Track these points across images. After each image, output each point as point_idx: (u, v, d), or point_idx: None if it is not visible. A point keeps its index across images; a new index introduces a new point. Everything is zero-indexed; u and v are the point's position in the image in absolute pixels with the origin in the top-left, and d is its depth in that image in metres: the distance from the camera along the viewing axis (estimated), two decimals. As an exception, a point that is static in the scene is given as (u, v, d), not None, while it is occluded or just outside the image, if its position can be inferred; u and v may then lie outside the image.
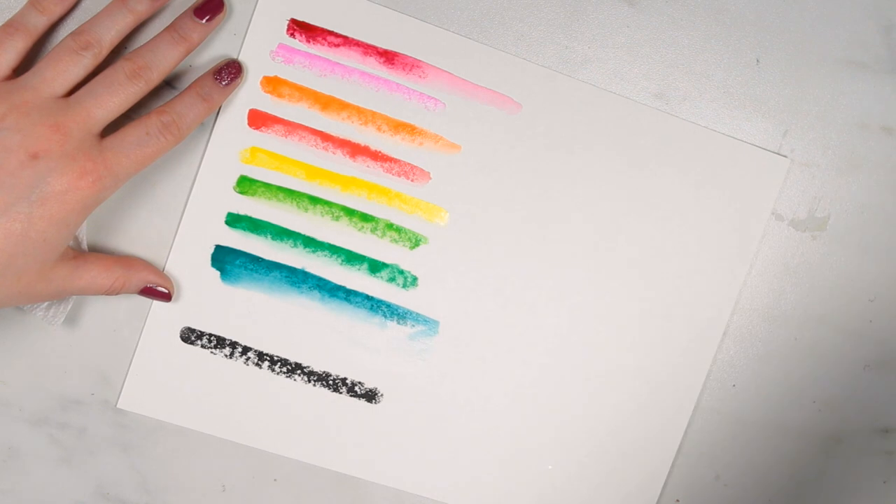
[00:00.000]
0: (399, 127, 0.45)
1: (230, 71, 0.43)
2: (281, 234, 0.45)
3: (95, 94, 0.39)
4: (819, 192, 0.47)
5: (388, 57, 0.45)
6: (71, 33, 0.40)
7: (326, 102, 0.45)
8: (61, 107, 0.39)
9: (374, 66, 0.45)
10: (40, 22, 0.41)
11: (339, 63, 0.45)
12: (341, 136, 0.45)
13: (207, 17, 0.42)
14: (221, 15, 0.42)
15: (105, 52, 0.40)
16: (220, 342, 0.46)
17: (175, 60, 0.41)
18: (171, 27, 0.41)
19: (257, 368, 0.46)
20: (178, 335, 0.45)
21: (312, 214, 0.45)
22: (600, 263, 0.46)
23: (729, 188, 0.46)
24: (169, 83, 0.44)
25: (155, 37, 0.41)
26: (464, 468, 0.47)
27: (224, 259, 0.45)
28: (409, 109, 0.45)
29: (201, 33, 0.42)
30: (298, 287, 0.46)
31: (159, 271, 0.44)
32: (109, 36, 0.40)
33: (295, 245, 0.45)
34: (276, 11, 0.44)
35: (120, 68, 0.40)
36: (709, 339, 0.47)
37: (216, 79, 0.42)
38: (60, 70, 0.39)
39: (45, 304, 0.42)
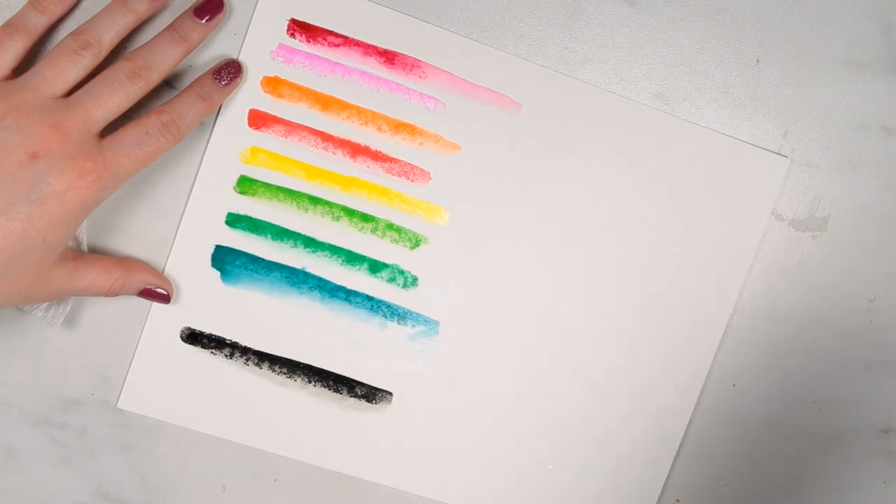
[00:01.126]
0: (399, 127, 0.45)
1: (230, 71, 0.43)
2: (281, 234, 0.45)
3: (95, 94, 0.39)
4: (819, 192, 0.47)
5: (388, 57, 0.45)
6: (71, 33, 0.40)
7: (326, 102, 0.45)
8: (61, 107, 0.39)
9: (374, 66, 0.45)
10: (40, 22, 0.41)
11: (339, 63, 0.45)
12: (341, 136, 0.45)
13: (207, 17, 0.42)
14: (221, 15, 0.42)
15: (105, 51, 0.40)
16: (220, 342, 0.46)
17: (175, 60, 0.41)
18: (171, 27, 0.41)
19: (257, 368, 0.46)
20: (179, 335, 0.45)
21: (313, 214, 0.45)
22: (600, 263, 0.46)
23: (729, 188, 0.46)
24: (169, 83, 0.44)
25: (155, 37, 0.41)
26: (464, 468, 0.47)
27: (224, 259, 0.45)
28: (409, 109, 0.45)
29: (201, 33, 0.42)
30: (298, 287, 0.46)
31: (159, 273, 0.44)
32: (109, 36, 0.40)
33: (295, 245, 0.45)
34: (276, 11, 0.44)
35: (120, 68, 0.40)
36: (709, 339, 0.47)
37: (216, 78, 0.42)
38: (60, 70, 0.39)
39: (45, 304, 0.42)
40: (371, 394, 0.46)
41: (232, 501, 0.47)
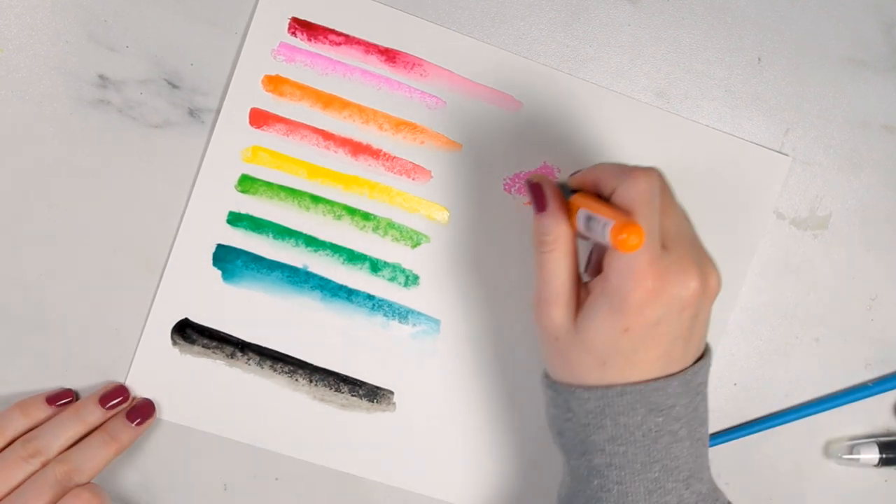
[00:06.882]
0: (400, 125, 0.45)
1: (142, 412, 0.44)
2: (282, 233, 0.45)
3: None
4: (820, 191, 0.47)
5: (390, 55, 0.45)
6: (21, 439, 0.42)
7: (328, 101, 0.45)
8: None
9: (375, 64, 0.45)
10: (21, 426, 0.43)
11: (340, 61, 0.45)
12: (343, 135, 0.45)
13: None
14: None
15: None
16: (221, 341, 0.46)
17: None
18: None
19: (258, 368, 0.46)
20: (179, 334, 0.45)
21: (314, 213, 0.45)
22: (602, 262, 0.46)
23: (730, 187, 0.46)
24: (170, 82, 0.44)
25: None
26: (465, 466, 0.47)
27: (225, 258, 0.45)
28: (411, 108, 0.45)
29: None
30: (300, 286, 0.45)
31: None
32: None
33: (296, 244, 0.45)
34: (277, 10, 0.44)
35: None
36: (710, 338, 0.47)
37: (128, 419, 0.44)
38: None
39: None
40: (372, 393, 0.46)
41: (233, 500, 0.47)
